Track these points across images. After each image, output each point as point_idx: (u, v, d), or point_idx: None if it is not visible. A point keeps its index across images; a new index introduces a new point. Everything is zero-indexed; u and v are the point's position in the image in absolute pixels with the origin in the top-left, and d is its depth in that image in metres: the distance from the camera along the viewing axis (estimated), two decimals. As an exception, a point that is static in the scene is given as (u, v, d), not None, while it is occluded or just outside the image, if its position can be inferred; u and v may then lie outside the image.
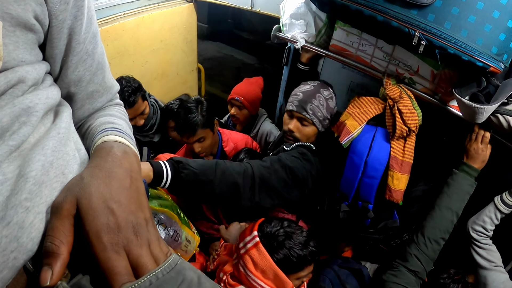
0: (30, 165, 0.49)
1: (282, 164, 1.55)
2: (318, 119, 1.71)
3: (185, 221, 1.28)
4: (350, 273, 1.68)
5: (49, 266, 0.44)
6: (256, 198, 1.47)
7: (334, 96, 1.78)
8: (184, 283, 0.50)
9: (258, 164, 1.54)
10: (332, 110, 1.75)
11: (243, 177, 1.45)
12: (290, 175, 1.54)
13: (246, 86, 2.59)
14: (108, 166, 0.56)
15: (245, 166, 1.50)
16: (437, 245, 1.51)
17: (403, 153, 1.49)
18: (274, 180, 1.50)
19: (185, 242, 1.29)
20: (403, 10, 1.23)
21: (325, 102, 1.72)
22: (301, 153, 1.66)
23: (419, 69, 1.50)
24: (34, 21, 0.53)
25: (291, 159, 1.60)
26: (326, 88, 1.76)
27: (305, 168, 1.59)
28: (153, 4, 2.60)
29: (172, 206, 1.24)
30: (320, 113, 1.71)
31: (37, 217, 0.48)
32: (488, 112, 1.26)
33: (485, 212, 1.56)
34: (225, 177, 1.41)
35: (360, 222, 1.64)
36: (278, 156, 1.62)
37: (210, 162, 1.45)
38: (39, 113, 0.53)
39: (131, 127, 0.78)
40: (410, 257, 1.51)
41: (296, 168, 1.56)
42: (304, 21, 1.80)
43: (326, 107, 1.72)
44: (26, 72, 0.52)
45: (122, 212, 0.50)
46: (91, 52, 0.68)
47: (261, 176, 1.48)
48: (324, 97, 1.72)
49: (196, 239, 1.37)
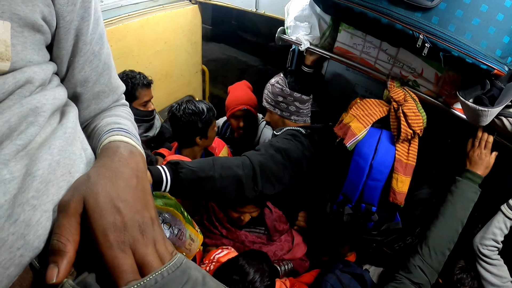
0: (37, 164, 0.49)
1: (275, 148, 1.62)
2: (270, 105, 1.94)
3: (188, 220, 1.29)
4: (352, 278, 1.67)
5: (55, 263, 0.45)
6: (259, 186, 1.50)
7: (282, 79, 1.91)
8: (189, 282, 0.51)
9: (254, 153, 1.58)
10: (281, 92, 1.88)
11: (242, 168, 1.47)
12: (286, 156, 1.59)
13: (240, 93, 2.54)
14: (114, 165, 0.56)
15: (242, 158, 1.53)
16: (442, 256, 1.46)
17: (408, 156, 1.49)
18: (272, 165, 1.55)
19: (189, 240, 1.30)
20: (407, 12, 1.23)
21: (270, 87, 1.93)
22: (291, 134, 1.76)
23: (423, 71, 1.50)
24: (42, 22, 0.53)
25: (283, 141, 1.68)
26: (275, 77, 1.97)
27: (298, 148, 1.67)
28: (157, 5, 2.60)
29: (176, 205, 1.25)
30: (269, 98, 1.94)
31: (43, 215, 0.49)
32: (492, 115, 1.26)
33: (493, 224, 1.51)
34: (225, 171, 1.43)
35: (363, 225, 1.64)
36: (270, 141, 1.69)
37: (207, 159, 1.47)
38: (46, 113, 0.54)
39: (137, 127, 0.78)
40: (414, 268, 1.45)
41: (290, 149, 1.63)
42: (308, 23, 1.80)
43: (272, 92, 1.92)
44: (33, 72, 0.53)
45: (129, 211, 0.50)
46: (98, 53, 0.69)
47: (259, 164, 1.52)
48: (271, 83, 1.94)
49: (200, 237, 1.37)
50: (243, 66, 3.94)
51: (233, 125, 2.53)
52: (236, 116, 2.46)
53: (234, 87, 2.60)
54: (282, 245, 1.91)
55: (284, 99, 1.87)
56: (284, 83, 1.88)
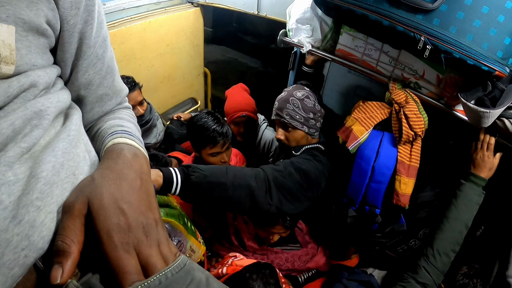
0: (41, 166, 0.50)
1: (295, 167, 1.57)
2: (298, 122, 1.74)
3: (191, 230, 1.29)
4: (360, 285, 1.66)
5: (59, 264, 0.45)
6: (275, 201, 1.47)
7: (311, 94, 1.78)
8: (192, 283, 0.51)
9: (271, 168, 1.55)
10: (313, 108, 1.76)
11: (255, 180, 1.45)
12: (304, 177, 1.55)
13: (238, 98, 2.51)
14: (118, 167, 0.56)
15: (256, 171, 1.51)
16: (447, 257, 1.47)
17: (410, 158, 1.49)
18: (289, 183, 1.51)
19: (189, 251, 1.30)
20: (409, 14, 1.23)
21: (299, 103, 1.73)
22: (311, 155, 1.70)
23: (424, 73, 1.50)
24: (46, 26, 0.54)
25: (303, 161, 1.63)
26: (300, 89, 1.78)
27: (318, 169, 1.62)
28: (160, 8, 2.61)
29: (179, 215, 1.25)
30: (298, 115, 1.73)
31: (48, 216, 0.49)
32: (493, 116, 1.26)
33: None
34: (238, 180, 1.41)
35: (367, 227, 1.64)
36: (291, 160, 1.64)
37: (220, 166, 1.45)
38: (50, 116, 0.54)
39: (140, 130, 0.79)
40: (420, 269, 1.48)
41: (309, 170, 1.58)
42: (310, 26, 1.81)
43: (302, 107, 1.73)
44: (38, 76, 0.53)
45: (133, 213, 0.51)
46: (101, 56, 0.69)
47: (275, 180, 1.49)
48: (298, 98, 1.74)
49: (202, 248, 1.37)
50: (243, 68, 3.95)
51: (234, 131, 2.49)
52: (236, 123, 2.45)
53: (231, 92, 2.59)
54: (307, 251, 1.91)
55: (314, 115, 1.77)
56: (314, 98, 1.79)
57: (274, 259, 1.82)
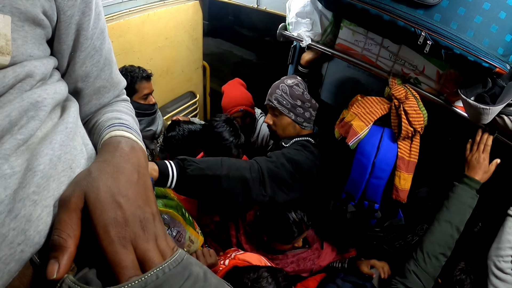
0: (38, 159, 0.49)
1: (287, 157, 1.61)
2: (285, 107, 1.80)
3: (189, 221, 1.29)
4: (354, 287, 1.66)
5: (56, 259, 0.45)
6: (268, 192, 1.50)
7: (302, 83, 1.83)
8: (190, 278, 0.51)
9: (264, 159, 1.58)
10: (301, 96, 1.80)
11: (250, 171, 1.47)
12: (296, 167, 1.58)
13: (235, 93, 2.53)
14: (116, 161, 0.56)
15: (250, 162, 1.53)
16: (437, 261, 1.43)
17: (410, 153, 1.49)
18: (282, 173, 1.55)
19: (188, 242, 1.30)
20: (410, 9, 1.22)
21: (288, 89, 1.80)
22: (301, 145, 1.74)
23: (424, 69, 1.50)
24: (42, 16, 0.53)
25: (294, 152, 1.66)
26: (292, 78, 1.85)
27: (309, 159, 1.65)
28: (159, 1, 2.59)
29: (177, 206, 1.25)
30: (285, 101, 1.80)
31: (44, 210, 0.49)
32: (493, 113, 1.25)
33: (505, 232, 1.42)
34: (232, 172, 1.42)
35: (366, 222, 1.64)
36: (281, 151, 1.67)
37: (215, 158, 1.46)
38: (47, 108, 0.54)
39: (138, 123, 0.78)
40: (409, 274, 1.43)
41: (301, 160, 1.61)
42: (310, 19, 1.80)
43: (290, 94, 1.80)
44: (34, 66, 0.52)
45: (130, 207, 0.50)
46: (99, 48, 0.68)
47: (269, 170, 1.52)
48: (287, 85, 1.81)
49: (200, 239, 1.37)
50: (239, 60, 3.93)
51: None
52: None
53: (228, 87, 2.60)
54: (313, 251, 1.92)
55: (302, 103, 1.81)
56: (304, 87, 1.82)
57: (279, 263, 1.83)
